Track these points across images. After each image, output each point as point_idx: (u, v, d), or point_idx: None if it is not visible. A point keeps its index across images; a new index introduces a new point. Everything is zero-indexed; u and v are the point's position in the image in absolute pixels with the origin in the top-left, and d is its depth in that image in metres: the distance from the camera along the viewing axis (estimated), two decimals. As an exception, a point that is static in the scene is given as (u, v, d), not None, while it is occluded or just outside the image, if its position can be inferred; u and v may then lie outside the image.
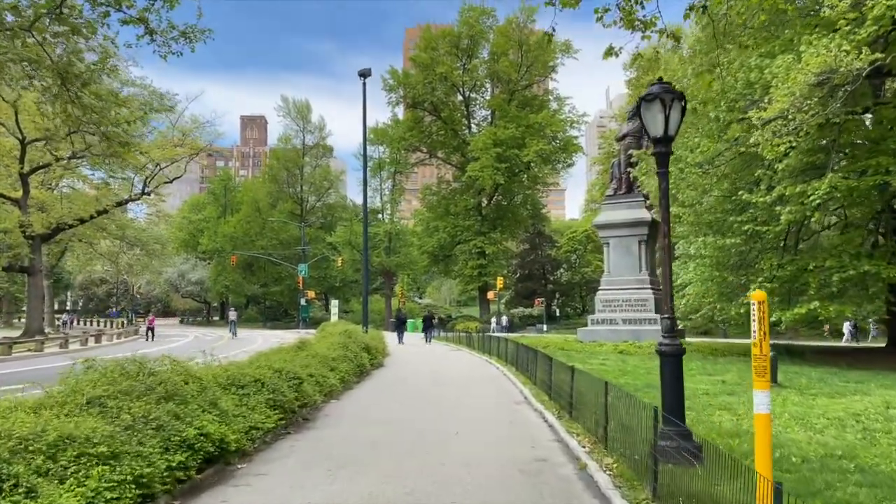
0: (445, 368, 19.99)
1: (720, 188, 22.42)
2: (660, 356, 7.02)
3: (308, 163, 77.75)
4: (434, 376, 17.40)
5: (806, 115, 16.99)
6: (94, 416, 5.54)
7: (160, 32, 13.23)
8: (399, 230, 71.01)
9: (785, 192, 19.18)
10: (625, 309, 31.04)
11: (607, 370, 18.54)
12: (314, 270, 70.81)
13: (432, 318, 41.40)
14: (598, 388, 9.14)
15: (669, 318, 7.02)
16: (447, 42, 62.92)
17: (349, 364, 14.41)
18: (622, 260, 31.69)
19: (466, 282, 64.53)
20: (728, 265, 23.53)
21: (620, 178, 32.81)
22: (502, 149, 57.13)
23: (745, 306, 21.70)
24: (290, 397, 9.15)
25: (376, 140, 67.82)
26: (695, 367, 20.25)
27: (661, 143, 7.06)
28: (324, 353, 13.71)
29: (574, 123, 64.22)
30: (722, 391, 14.57)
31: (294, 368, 10.09)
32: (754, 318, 4.68)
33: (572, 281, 76.43)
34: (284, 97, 76.38)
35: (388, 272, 71.28)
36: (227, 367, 9.02)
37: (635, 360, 22.58)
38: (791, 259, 21.20)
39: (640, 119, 7.20)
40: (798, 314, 20.22)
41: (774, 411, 12.07)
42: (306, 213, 77.47)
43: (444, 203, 64.37)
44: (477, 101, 67.30)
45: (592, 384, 9.40)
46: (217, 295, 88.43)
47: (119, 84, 52.67)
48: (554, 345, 29.67)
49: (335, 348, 14.85)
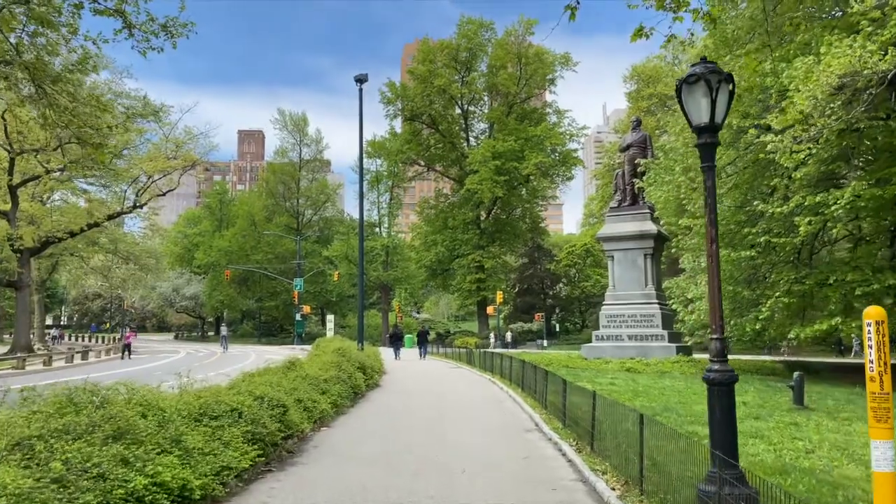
0: (446, 389, 18.83)
1: (733, 198, 21.40)
2: (708, 385, 5.91)
3: (305, 176, 76.77)
4: (434, 399, 16.23)
5: (828, 119, 16.00)
6: (15, 464, 4.42)
7: (139, 26, 12.20)
8: (396, 244, 69.97)
9: (804, 201, 18.17)
10: (630, 325, 29.92)
11: (618, 390, 17.41)
12: (310, 285, 69.61)
13: (426, 333, 41.90)
14: (623, 415, 8.04)
15: (719, 338, 5.91)
16: (445, 55, 62.20)
17: (342, 386, 13.24)
18: (627, 274, 30.61)
19: (465, 296, 63.37)
20: (741, 279, 22.45)
21: (625, 190, 31.81)
22: (501, 161, 56.25)
23: (762, 322, 20.62)
24: (273, 429, 7.99)
25: (374, 153, 66.94)
26: (710, 386, 19.18)
27: (707, 133, 6.00)
28: (315, 375, 12.57)
29: (573, 136, 63.53)
30: (746, 414, 13.44)
31: (278, 395, 8.93)
32: (871, 342, 3.61)
33: (572, 296, 75.33)
34: (281, 110, 75.65)
35: (385, 287, 70.11)
36: (200, 392, 7.88)
37: (645, 378, 21.44)
38: (809, 272, 20.14)
39: (682, 106, 6.13)
40: (818, 330, 19.15)
41: (810, 438, 10.96)
42: (303, 227, 76.38)
43: (443, 216, 63.37)
44: (475, 114, 66.54)
45: (617, 411, 8.29)
46: (212, 310, 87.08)
47: (112, 95, 51.83)
48: (557, 362, 28.54)
49: (328, 368, 13.70)
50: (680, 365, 25.66)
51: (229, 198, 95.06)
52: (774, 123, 16.38)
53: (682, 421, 12.27)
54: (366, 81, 21.53)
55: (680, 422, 12.13)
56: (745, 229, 20.67)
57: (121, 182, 50.29)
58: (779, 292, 19.70)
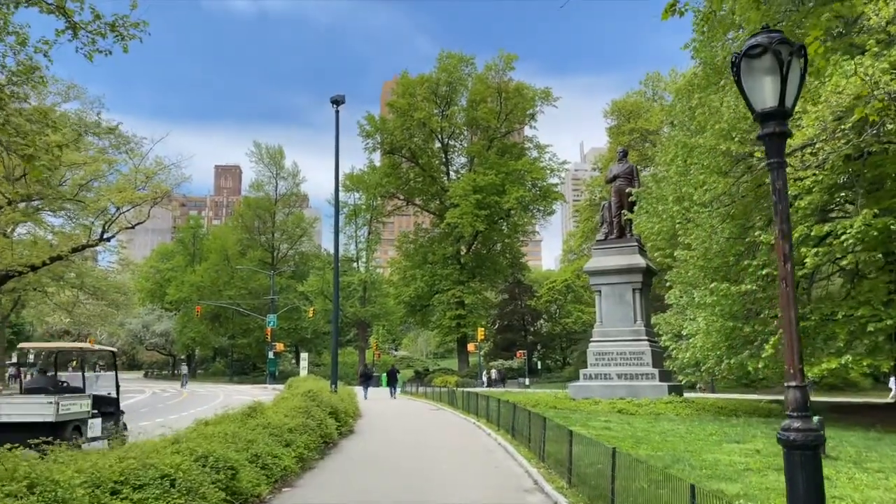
0: (428, 437, 17.12)
1: (731, 228, 20.29)
2: (787, 448, 4.48)
3: (280, 210, 75.11)
4: (416, 450, 14.54)
5: (838, 142, 14.98)
6: None
7: (84, 25, 10.78)
8: (374, 279, 68.32)
9: (809, 231, 17.06)
10: (619, 363, 28.49)
11: (615, 436, 15.90)
12: (284, 321, 67.42)
13: (397, 372, 42.93)
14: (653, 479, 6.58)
15: (798, 386, 4.51)
16: (425, 88, 61.56)
17: (311, 436, 11.56)
18: (615, 309, 29.28)
19: (444, 333, 61.67)
20: (740, 314, 21.20)
21: (611, 222, 30.68)
22: (482, 195, 55.28)
23: (765, 360, 19.31)
24: (215, 500, 6.40)
25: (352, 186, 65.70)
26: (712, 430, 17.72)
27: (774, 121, 4.68)
28: (278, 423, 10.92)
29: (554, 171, 62.90)
30: (765, 465, 12.02)
31: (227, 453, 7.31)
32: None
33: (553, 332, 73.85)
34: (257, 143, 74.25)
35: (362, 323, 68.20)
36: (126, 452, 6.27)
37: (641, 422, 19.95)
38: (815, 307, 18.96)
39: (740, 87, 4.84)
40: (826, 369, 17.87)
41: (851, 497, 9.51)
42: (278, 262, 74.44)
43: (422, 251, 62.00)
44: (455, 148, 65.78)
45: (640, 471, 6.82)
46: (183, 347, 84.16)
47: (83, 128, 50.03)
48: (544, 403, 26.97)
49: (294, 415, 12.04)
50: (674, 406, 24.24)
51: (203, 232, 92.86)
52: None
53: (700, 475, 10.80)
54: (342, 104, 20.28)
55: (697, 476, 10.66)
56: (745, 261, 19.49)
57: (88, 214, 48.34)
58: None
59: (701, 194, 20.43)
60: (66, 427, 13.36)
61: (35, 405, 13.22)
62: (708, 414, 23.04)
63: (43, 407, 13.08)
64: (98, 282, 56.51)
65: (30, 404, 13.34)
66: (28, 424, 12.55)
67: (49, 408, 13.04)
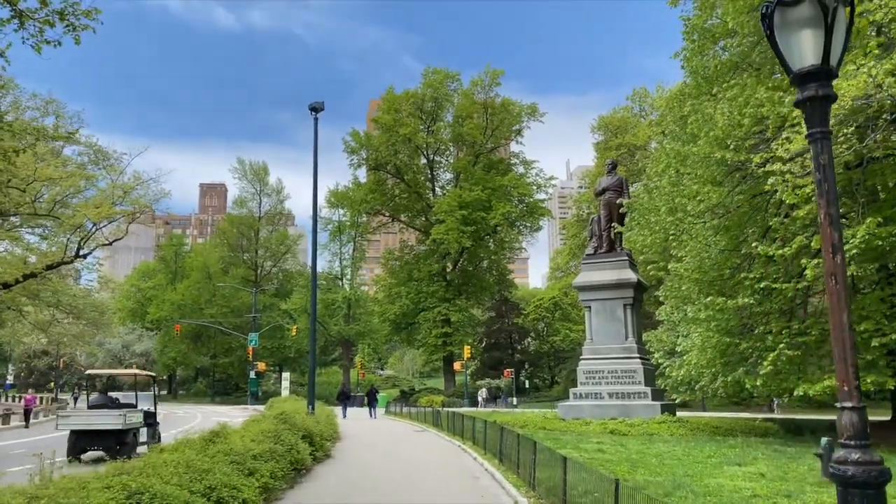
0: (411, 462, 16.02)
1: (726, 240, 19.52)
2: (841, 486, 3.57)
3: (265, 227, 73.95)
4: (396, 477, 13.46)
5: (840, 146, 14.28)
6: None
7: (31, 14, 9.87)
8: (359, 297, 67.13)
9: (809, 242, 16.31)
10: (610, 381, 27.54)
11: (610, 459, 14.95)
12: (267, 340, 66.00)
13: (376, 392, 43.59)
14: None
15: (856, 407, 3.61)
16: (411, 104, 60.99)
17: (279, 462, 10.49)
18: (606, 326, 28.40)
19: (430, 351, 60.50)
20: (735, 330, 20.38)
21: (601, 236, 29.91)
22: (468, 211, 54.53)
23: (763, 378, 18.46)
24: (145, 547, 5.45)
25: (336, 203, 64.80)
26: (711, 451, 16.81)
27: (816, 82, 3.84)
28: (243, 449, 9.88)
29: (541, 187, 62.32)
30: (773, 491, 11.12)
31: (165, 489, 6.30)
32: None
33: (540, 350, 72.88)
34: (241, 159, 73.00)
35: (346, 342, 66.92)
36: (37, 491, 5.25)
37: (635, 443, 18.99)
38: (815, 321, 18.18)
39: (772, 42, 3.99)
40: (828, 387, 17.05)
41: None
42: (261, 280, 73.09)
43: (408, 268, 61.04)
44: (441, 164, 65.12)
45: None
46: (164, 367, 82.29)
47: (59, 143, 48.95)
48: (532, 423, 25.98)
49: (262, 440, 10.98)
50: (668, 426, 23.31)
51: (186, 250, 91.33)
52: (781, 152, 14.57)
53: (706, 503, 9.88)
54: (321, 111, 19.39)
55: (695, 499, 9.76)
56: (742, 274, 18.72)
57: (65, 231, 46.99)
58: (782, 344, 17.62)
59: (695, 205, 19.68)
60: (128, 433, 17.41)
61: (109, 417, 17.13)
62: (703, 434, 22.13)
63: (115, 418, 17.05)
64: (75, 300, 55.02)
65: (104, 416, 17.16)
66: (103, 431, 16.74)
67: (119, 419, 17.07)
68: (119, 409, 17.88)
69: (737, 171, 18.78)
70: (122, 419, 16.99)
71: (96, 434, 16.69)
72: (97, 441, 16.80)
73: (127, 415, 17.29)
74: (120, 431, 16.94)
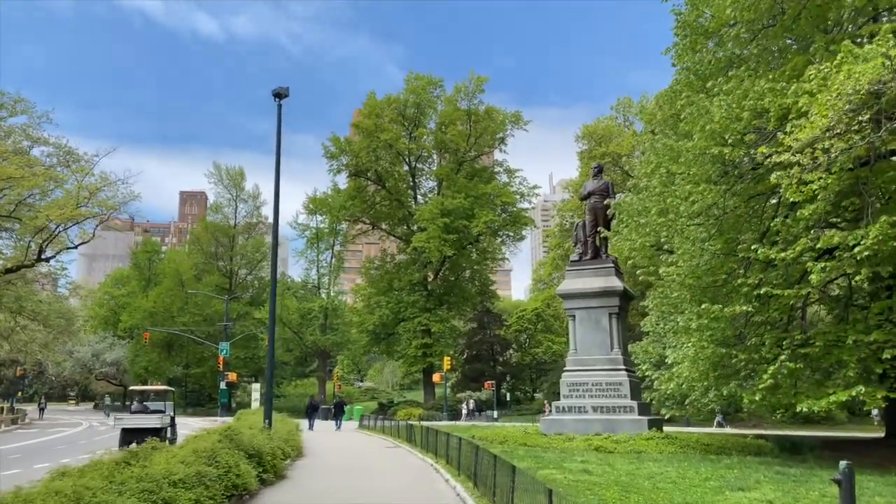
0: (376, 487, 14.24)
1: (722, 242, 18.15)
2: None
3: (240, 233, 71.95)
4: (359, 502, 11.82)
5: (854, 136, 12.94)
6: None
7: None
8: (337, 306, 65.27)
9: (815, 244, 14.95)
10: (595, 394, 26.00)
11: (598, 482, 13.38)
12: (241, 350, 63.88)
13: (343, 405, 44.94)
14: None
15: None
16: (392, 109, 59.56)
17: (208, 489, 8.81)
18: (591, 336, 26.91)
19: (410, 363, 58.68)
20: (731, 340, 18.98)
21: (586, 242, 28.47)
22: (450, 219, 53.03)
23: (762, 392, 17.04)
24: None
25: (315, 209, 63.12)
26: (707, 472, 15.27)
27: None
28: (164, 472, 8.23)
29: (525, 196, 61.04)
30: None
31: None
32: None
33: (522, 362, 71.31)
34: (217, 164, 70.92)
35: (323, 353, 64.95)
36: None
37: (623, 462, 17.46)
38: (819, 331, 16.82)
39: None
40: (835, 402, 15.67)
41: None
42: (236, 287, 71.00)
43: (388, 277, 59.31)
44: (423, 172, 63.62)
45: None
46: (136, 377, 79.63)
47: (29, 142, 46.79)
48: (513, 438, 24.40)
49: (194, 461, 9.33)
50: (656, 443, 21.82)
51: (161, 257, 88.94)
52: (790, 141, 13.20)
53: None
54: (286, 97, 17.87)
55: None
56: (739, 280, 17.32)
57: (27, 232, 44.80)
58: (783, 355, 16.22)
59: (688, 206, 18.30)
60: (163, 430, 22.64)
61: (152, 418, 23.00)
62: (694, 452, 20.66)
63: (156, 419, 23.04)
64: (39, 306, 52.63)
65: (149, 418, 22.98)
66: (147, 429, 21.27)
67: (158, 420, 23.08)
68: (157, 413, 23.80)
69: (734, 169, 17.43)
70: (160, 420, 23.09)
71: (140, 431, 21.32)
72: (140, 436, 19.78)
73: (162, 416, 23.42)
74: (158, 429, 22.04)
